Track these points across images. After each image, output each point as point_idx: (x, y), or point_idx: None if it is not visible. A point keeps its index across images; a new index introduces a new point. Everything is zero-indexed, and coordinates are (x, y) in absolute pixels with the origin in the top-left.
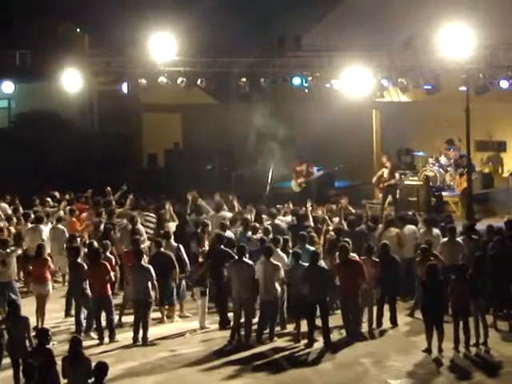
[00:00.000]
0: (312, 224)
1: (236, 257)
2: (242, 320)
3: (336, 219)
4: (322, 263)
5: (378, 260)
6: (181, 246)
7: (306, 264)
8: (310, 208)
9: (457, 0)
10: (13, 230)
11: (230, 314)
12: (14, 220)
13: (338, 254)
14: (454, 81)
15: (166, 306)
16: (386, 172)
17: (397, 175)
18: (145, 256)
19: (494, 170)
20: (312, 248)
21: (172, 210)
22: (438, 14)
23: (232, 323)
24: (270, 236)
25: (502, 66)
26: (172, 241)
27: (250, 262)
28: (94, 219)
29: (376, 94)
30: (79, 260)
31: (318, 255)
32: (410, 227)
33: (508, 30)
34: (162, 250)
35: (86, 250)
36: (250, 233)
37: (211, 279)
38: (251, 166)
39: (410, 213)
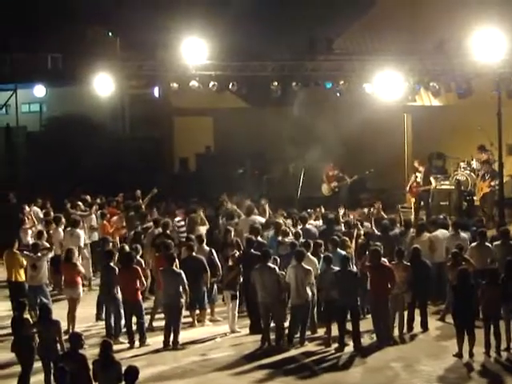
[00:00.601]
0: (343, 228)
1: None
2: (273, 324)
3: (367, 223)
4: (354, 268)
5: (408, 264)
6: (213, 250)
7: (337, 268)
8: (342, 213)
9: (489, 4)
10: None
11: None
12: (54, 225)
13: (367, 257)
14: (486, 85)
15: (197, 311)
16: (419, 177)
17: (432, 180)
18: (176, 260)
19: None
20: (343, 252)
21: (203, 215)
22: (470, 18)
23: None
24: (301, 240)
25: None
26: (204, 245)
27: (273, 266)
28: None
29: (408, 97)
30: (112, 264)
31: (349, 259)
32: (442, 231)
33: None
34: (194, 254)
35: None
36: (280, 237)
37: (242, 283)
38: (283, 170)
39: (442, 217)
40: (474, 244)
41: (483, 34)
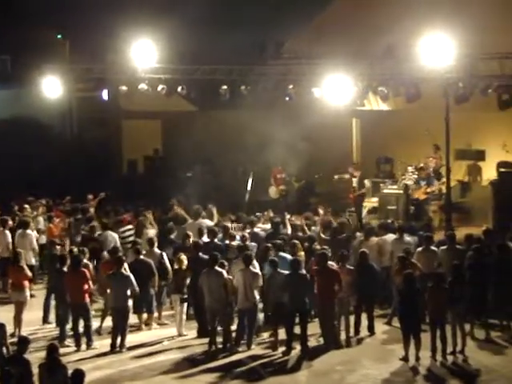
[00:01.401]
0: (289, 232)
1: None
2: (220, 328)
3: (314, 227)
4: (303, 271)
5: (352, 268)
6: (164, 254)
7: (283, 272)
8: (288, 217)
9: (438, 9)
10: None
11: None
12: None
13: (313, 261)
14: (434, 89)
15: (145, 314)
16: (355, 181)
17: (366, 182)
18: (125, 264)
19: (473, 179)
20: (288, 256)
21: (152, 218)
22: (419, 23)
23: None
24: (247, 243)
25: (482, 75)
26: (155, 248)
27: (220, 271)
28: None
29: (356, 102)
30: (65, 268)
31: (300, 263)
32: (390, 235)
33: (488, 39)
34: (142, 257)
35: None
36: (227, 241)
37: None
38: (231, 174)
39: (389, 221)
40: (420, 248)
41: (431, 39)
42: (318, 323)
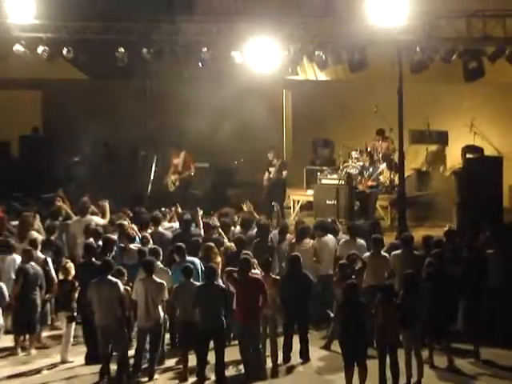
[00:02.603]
0: (202, 232)
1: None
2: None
3: (233, 228)
4: (220, 282)
5: (278, 277)
6: (49, 259)
7: (194, 282)
8: (201, 213)
9: None
10: None
11: None
12: None
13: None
14: (384, 55)
15: (22, 337)
16: (273, 172)
17: (284, 173)
18: None
19: (434, 168)
20: (196, 260)
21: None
22: None
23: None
24: (150, 246)
25: (444, 37)
26: (39, 252)
27: (115, 281)
28: None
29: (287, 70)
30: None
31: (215, 272)
32: (330, 237)
33: None
34: (33, 263)
35: None
36: (124, 243)
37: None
38: (130, 158)
39: (330, 220)
40: (367, 254)
41: None
42: (237, 347)
